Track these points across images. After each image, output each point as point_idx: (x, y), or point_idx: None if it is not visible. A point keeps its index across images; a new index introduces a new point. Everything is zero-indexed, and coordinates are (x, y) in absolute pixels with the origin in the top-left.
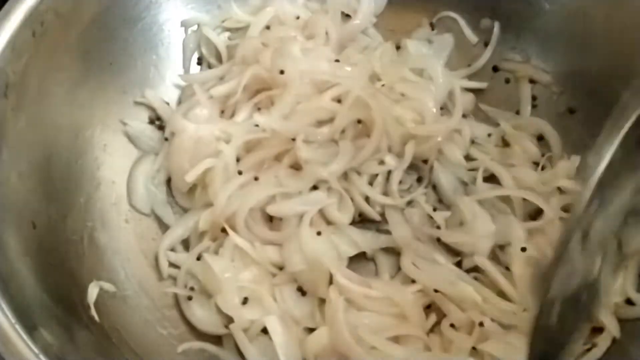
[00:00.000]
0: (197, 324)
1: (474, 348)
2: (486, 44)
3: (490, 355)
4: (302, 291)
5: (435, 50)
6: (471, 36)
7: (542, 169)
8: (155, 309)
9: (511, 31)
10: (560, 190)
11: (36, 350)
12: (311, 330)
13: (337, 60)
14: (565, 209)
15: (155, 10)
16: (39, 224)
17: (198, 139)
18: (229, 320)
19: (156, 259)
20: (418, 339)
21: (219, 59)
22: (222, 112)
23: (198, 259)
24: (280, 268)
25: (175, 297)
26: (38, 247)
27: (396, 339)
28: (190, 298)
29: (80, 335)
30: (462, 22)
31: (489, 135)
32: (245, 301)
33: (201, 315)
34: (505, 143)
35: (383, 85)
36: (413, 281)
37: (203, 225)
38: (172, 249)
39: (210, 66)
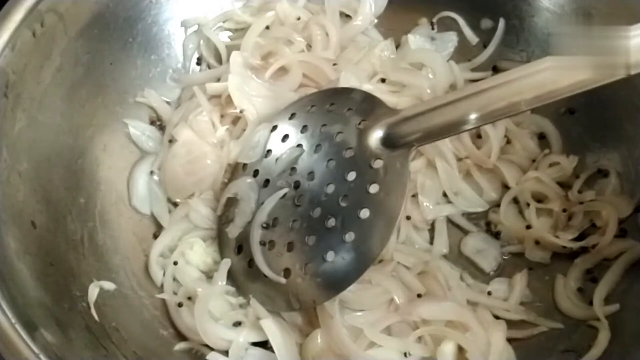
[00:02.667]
0: (184, 332)
1: None
2: (485, 45)
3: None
4: None
5: (438, 47)
6: (471, 36)
7: (536, 168)
8: (155, 308)
9: (511, 31)
10: None
11: (36, 350)
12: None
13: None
14: None
15: (155, 11)
16: (39, 224)
17: (195, 147)
18: None
19: (147, 268)
20: (407, 326)
21: (219, 60)
22: (222, 116)
23: (175, 264)
24: None
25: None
26: (38, 247)
27: (389, 331)
28: (180, 305)
29: (81, 336)
30: (462, 22)
31: None
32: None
33: (189, 323)
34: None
35: (383, 80)
36: None
37: None
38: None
39: (210, 66)
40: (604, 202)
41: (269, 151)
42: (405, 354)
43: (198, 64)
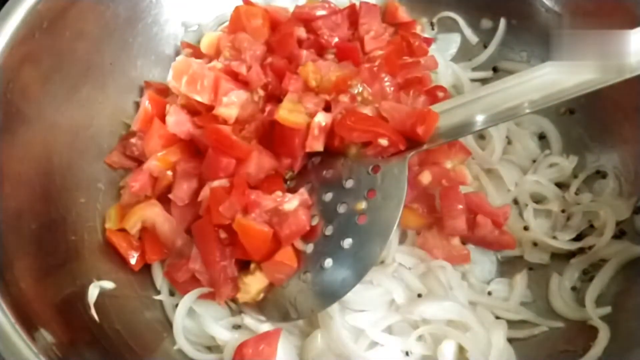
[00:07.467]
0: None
1: None
2: (485, 45)
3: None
4: None
5: (440, 48)
6: (471, 36)
7: (535, 171)
8: (155, 308)
9: (511, 31)
10: None
11: (36, 350)
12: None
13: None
14: None
15: (155, 11)
16: (39, 224)
17: None
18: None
19: (147, 268)
20: (408, 326)
21: None
22: None
23: None
24: None
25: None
26: (38, 247)
27: (390, 330)
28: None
29: (81, 336)
30: (462, 22)
31: None
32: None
33: (187, 324)
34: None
35: None
36: None
37: None
38: None
39: None
40: (603, 202)
41: None
42: (406, 353)
43: None
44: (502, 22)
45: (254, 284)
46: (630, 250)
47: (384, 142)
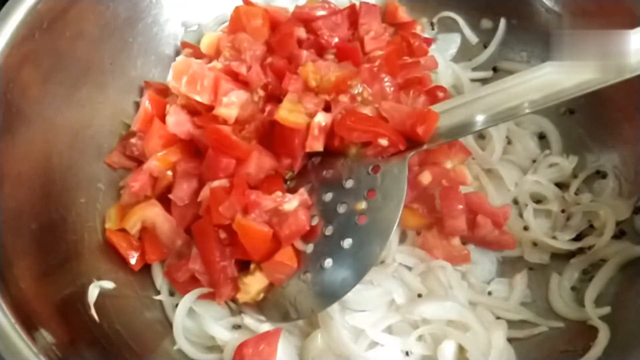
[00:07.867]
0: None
1: None
2: (485, 45)
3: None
4: None
5: (440, 48)
6: (471, 36)
7: (535, 171)
8: (155, 308)
9: (511, 31)
10: None
11: (36, 350)
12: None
13: None
14: None
15: (155, 11)
16: (39, 224)
17: None
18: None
19: (147, 268)
20: (408, 326)
21: None
22: None
23: None
24: None
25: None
26: (38, 247)
27: (390, 330)
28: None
29: (81, 336)
30: (462, 22)
31: None
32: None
33: (187, 324)
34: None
35: None
36: None
37: None
38: None
39: None
40: (603, 202)
41: None
42: (406, 353)
43: None
44: (502, 22)
45: (254, 284)
46: (630, 250)
47: (384, 142)
